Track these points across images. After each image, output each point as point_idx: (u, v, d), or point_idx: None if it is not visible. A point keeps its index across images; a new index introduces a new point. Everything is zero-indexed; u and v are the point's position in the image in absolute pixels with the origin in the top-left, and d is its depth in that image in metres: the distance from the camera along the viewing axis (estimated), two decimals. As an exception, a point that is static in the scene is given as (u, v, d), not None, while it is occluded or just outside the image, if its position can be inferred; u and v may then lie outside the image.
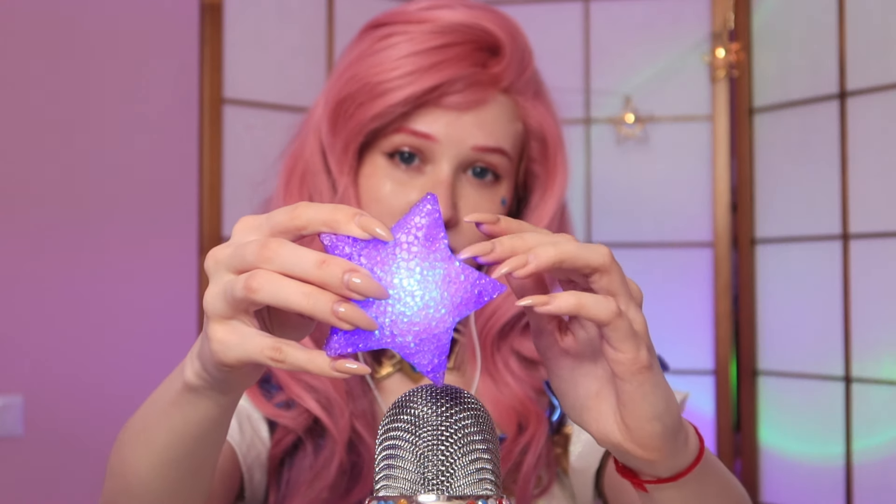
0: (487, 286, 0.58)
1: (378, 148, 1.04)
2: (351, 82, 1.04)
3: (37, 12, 1.69)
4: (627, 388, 0.61)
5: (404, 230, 0.58)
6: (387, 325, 0.57)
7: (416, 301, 0.57)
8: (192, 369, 0.64)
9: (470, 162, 1.03)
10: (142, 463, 0.72)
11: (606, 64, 1.92)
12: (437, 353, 0.58)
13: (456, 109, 1.01)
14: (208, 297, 0.59)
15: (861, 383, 1.70)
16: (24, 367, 1.67)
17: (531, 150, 1.08)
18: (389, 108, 1.01)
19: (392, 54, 1.02)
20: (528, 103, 1.06)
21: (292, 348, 0.57)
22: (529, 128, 1.07)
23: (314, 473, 1.00)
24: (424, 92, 1.00)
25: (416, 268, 0.58)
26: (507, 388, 1.05)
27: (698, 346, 1.87)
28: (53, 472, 1.69)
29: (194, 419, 0.67)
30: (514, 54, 1.04)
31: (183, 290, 1.77)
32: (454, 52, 1.01)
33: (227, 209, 1.78)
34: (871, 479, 1.68)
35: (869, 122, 1.70)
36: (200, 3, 1.77)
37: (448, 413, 0.60)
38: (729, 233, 1.86)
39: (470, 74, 1.01)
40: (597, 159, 1.92)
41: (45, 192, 1.69)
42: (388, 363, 1.07)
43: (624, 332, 0.59)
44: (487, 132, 1.02)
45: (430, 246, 0.58)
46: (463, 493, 0.58)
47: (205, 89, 1.77)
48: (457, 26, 1.02)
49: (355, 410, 1.02)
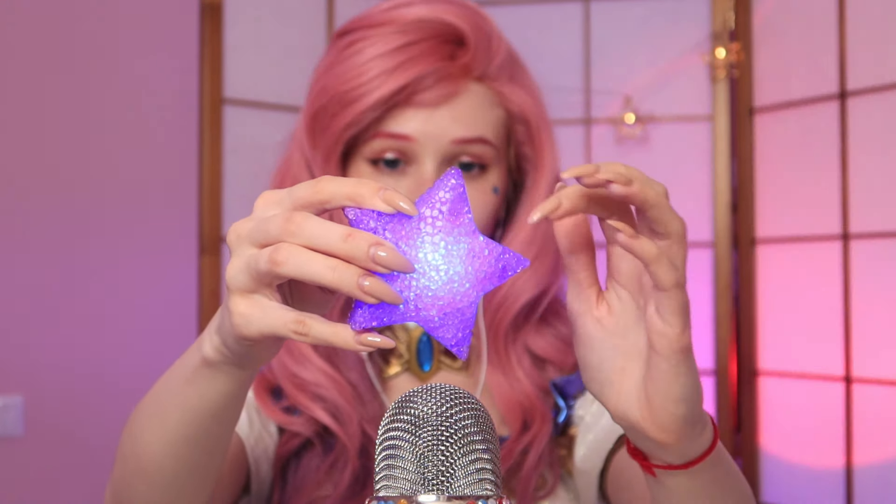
0: (511, 261, 0.58)
1: (360, 155, 1.04)
2: (322, 94, 1.04)
3: (38, 13, 1.69)
4: (664, 365, 0.61)
5: (428, 204, 0.58)
6: (411, 299, 0.57)
7: (440, 275, 0.57)
8: (211, 344, 0.64)
9: (453, 156, 1.02)
10: (155, 442, 0.72)
11: (606, 64, 1.92)
12: (462, 328, 0.58)
13: (429, 106, 1.01)
14: (231, 270, 0.59)
15: (861, 383, 1.70)
16: (24, 367, 1.67)
17: (517, 134, 1.07)
18: (362, 115, 1.01)
19: (358, 60, 1.02)
20: (504, 88, 1.05)
21: (316, 321, 0.57)
22: (511, 112, 1.06)
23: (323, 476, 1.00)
24: (394, 93, 1.00)
25: (441, 242, 0.58)
26: (518, 382, 1.05)
27: (698, 347, 1.87)
28: (53, 472, 1.69)
29: (211, 395, 0.67)
30: (479, 42, 1.03)
31: (183, 290, 1.77)
32: (419, 49, 1.01)
33: (227, 209, 1.78)
34: (871, 480, 1.68)
35: (869, 122, 1.70)
36: (200, 3, 1.77)
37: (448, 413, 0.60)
38: (729, 233, 1.86)
39: (438, 69, 1.00)
40: (597, 159, 1.92)
41: (44, 192, 1.69)
42: (396, 362, 1.07)
43: (680, 304, 0.59)
44: (465, 124, 1.01)
45: (455, 220, 0.58)
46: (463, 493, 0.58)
47: (205, 89, 1.77)
48: (418, 23, 1.02)
49: (365, 415, 1.02)
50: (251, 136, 1.80)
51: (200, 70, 1.77)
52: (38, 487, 1.68)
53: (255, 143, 1.80)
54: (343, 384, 1.02)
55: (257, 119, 1.81)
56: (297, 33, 1.86)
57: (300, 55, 1.85)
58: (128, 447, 0.76)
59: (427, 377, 1.06)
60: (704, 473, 0.67)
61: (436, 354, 1.07)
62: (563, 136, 1.94)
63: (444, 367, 1.08)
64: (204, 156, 1.77)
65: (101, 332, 1.73)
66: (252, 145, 1.79)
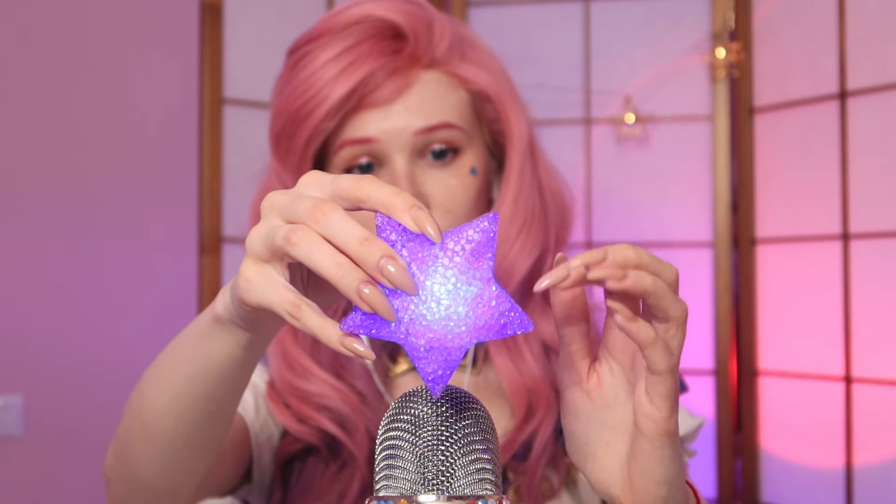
0: (515, 321, 0.57)
1: (333, 167, 1.03)
2: (279, 116, 1.04)
3: (38, 13, 1.69)
4: (647, 447, 0.61)
5: (454, 237, 0.58)
6: (405, 321, 0.57)
7: (440, 309, 0.57)
8: (223, 300, 0.65)
9: (421, 147, 1.01)
10: (160, 397, 0.73)
11: (606, 64, 1.92)
12: (444, 366, 0.57)
13: (383, 104, 1.00)
14: (252, 235, 0.60)
15: (861, 383, 1.70)
16: (24, 367, 1.67)
17: (486, 112, 1.07)
18: (318, 127, 1.00)
19: (304, 75, 1.02)
20: (458, 69, 1.04)
21: (310, 310, 0.57)
22: (472, 92, 1.05)
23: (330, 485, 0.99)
24: (344, 98, 0.99)
25: (452, 278, 0.57)
26: (525, 364, 1.04)
27: (698, 346, 1.87)
28: (53, 472, 1.69)
29: (216, 355, 0.68)
30: (419, 30, 1.02)
31: (183, 290, 1.77)
32: (360, 51, 1.00)
33: (227, 209, 1.78)
34: (871, 480, 1.68)
35: (869, 122, 1.70)
36: (200, 3, 1.77)
37: (448, 413, 0.60)
38: (729, 233, 1.86)
39: (383, 65, 1.00)
40: (597, 159, 1.92)
41: (45, 192, 1.69)
42: (403, 360, 1.07)
43: (669, 389, 0.60)
44: (424, 113, 1.01)
45: (474, 262, 0.57)
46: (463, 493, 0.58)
47: (205, 89, 1.76)
48: (354, 25, 1.02)
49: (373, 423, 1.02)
50: (251, 136, 1.80)
51: (200, 70, 1.77)
52: (38, 487, 1.68)
53: (255, 142, 1.79)
54: (348, 393, 1.02)
55: (257, 119, 1.81)
56: (297, 34, 1.85)
57: (300, 55, 1.85)
58: (134, 402, 0.77)
59: None
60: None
61: None
62: (563, 136, 1.95)
63: None
64: (204, 156, 1.77)
65: (101, 332, 1.73)
66: (252, 145, 1.79)
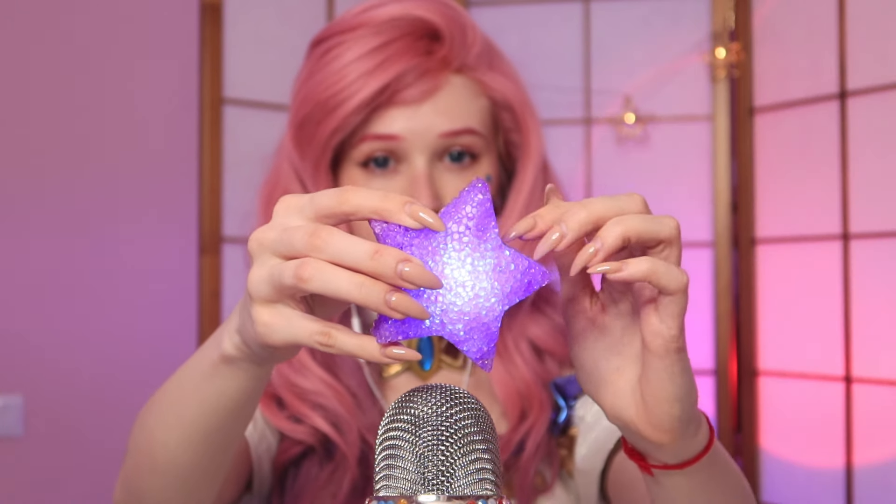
0: (537, 275, 0.59)
1: (350, 160, 1.04)
2: (304, 104, 1.05)
3: (38, 12, 1.69)
4: (658, 364, 0.61)
5: (455, 219, 0.58)
6: (437, 314, 0.57)
7: (466, 291, 0.58)
8: (232, 343, 0.64)
9: (442, 149, 1.02)
10: (171, 437, 0.72)
11: (606, 64, 1.92)
12: (487, 341, 0.58)
13: (412, 103, 1.01)
14: (253, 279, 0.58)
15: (861, 383, 1.70)
16: (24, 367, 1.67)
17: (504, 121, 1.08)
18: (346, 119, 1.01)
19: (336, 66, 1.02)
20: (485, 77, 1.05)
21: (342, 334, 0.57)
22: (495, 100, 1.06)
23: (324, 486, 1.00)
24: (376, 94, 1.00)
25: (468, 259, 0.58)
26: (516, 369, 1.05)
27: (698, 346, 1.87)
28: (53, 472, 1.69)
29: (229, 392, 0.68)
30: (454, 34, 1.03)
31: (183, 290, 1.78)
32: (395, 48, 1.01)
33: (227, 209, 1.78)
34: (871, 480, 1.68)
35: (869, 122, 1.70)
36: (200, 3, 1.77)
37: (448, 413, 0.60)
38: (729, 233, 1.86)
39: (416, 65, 1.01)
40: (597, 159, 1.92)
41: (44, 192, 1.70)
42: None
43: (680, 307, 0.60)
44: (450, 116, 1.02)
45: (482, 236, 0.58)
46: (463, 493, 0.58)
47: (205, 89, 1.77)
48: (391, 22, 1.02)
49: (364, 423, 1.02)
50: (251, 136, 1.80)
51: (200, 70, 1.77)
52: (38, 487, 1.68)
53: (255, 142, 1.80)
54: (343, 392, 1.02)
55: (257, 119, 1.81)
56: (297, 33, 1.86)
57: (300, 55, 1.84)
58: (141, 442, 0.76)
59: (428, 376, 1.06)
60: (701, 473, 0.67)
61: (437, 353, 1.07)
62: (563, 136, 1.95)
63: (444, 366, 1.08)
64: (204, 156, 1.77)
65: (101, 332, 1.73)
66: (252, 145, 1.79)
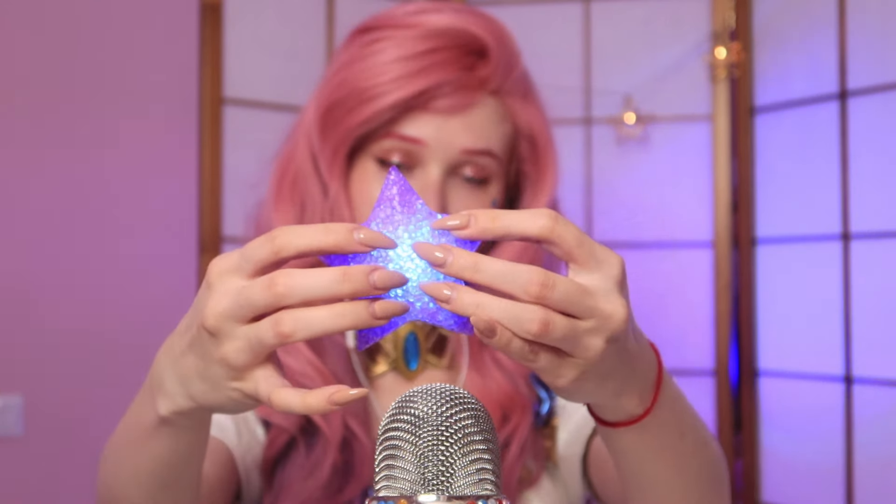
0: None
1: (368, 153, 1.04)
2: (339, 88, 1.04)
3: (38, 12, 1.69)
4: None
5: (381, 207, 0.59)
6: (399, 297, 0.58)
7: (416, 264, 0.58)
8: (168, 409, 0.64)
9: (459, 164, 1.03)
10: (131, 491, 0.73)
11: (606, 64, 1.92)
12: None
13: (444, 113, 1.01)
14: (230, 353, 0.57)
15: (861, 383, 1.70)
16: (24, 367, 1.67)
17: (521, 151, 1.08)
18: (377, 114, 1.01)
19: (380, 59, 1.02)
20: (517, 104, 1.06)
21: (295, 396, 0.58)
22: (519, 128, 1.07)
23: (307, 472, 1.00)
24: (412, 96, 1.00)
25: (404, 234, 0.59)
26: (494, 382, 1.06)
27: (698, 346, 1.87)
28: (53, 472, 1.69)
29: (178, 446, 0.68)
30: (501, 57, 1.04)
31: (183, 290, 1.77)
32: (441, 57, 1.01)
33: (226, 209, 1.78)
34: (871, 480, 1.68)
35: (869, 122, 1.70)
36: (200, 3, 1.77)
37: (448, 413, 0.60)
38: (729, 233, 1.86)
39: (457, 78, 1.01)
40: (597, 159, 1.92)
41: (43, 192, 1.70)
42: (382, 361, 1.08)
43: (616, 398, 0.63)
44: (476, 135, 1.02)
45: (409, 210, 0.59)
46: (463, 493, 0.58)
47: (205, 89, 1.77)
48: (444, 30, 1.03)
49: (348, 409, 1.02)
50: (251, 136, 1.80)
51: (200, 70, 1.77)
52: (38, 487, 1.68)
53: (255, 143, 1.80)
54: (328, 376, 1.03)
55: (257, 119, 1.81)
56: (297, 33, 1.86)
57: (300, 55, 1.85)
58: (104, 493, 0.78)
59: (413, 376, 1.07)
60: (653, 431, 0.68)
61: (422, 353, 1.07)
62: (563, 136, 1.94)
63: (430, 366, 1.08)
64: (204, 156, 1.77)
65: (101, 332, 1.73)
66: (252, 145, 1.79)
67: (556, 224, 0.57)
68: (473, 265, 0.56)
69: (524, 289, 0.56)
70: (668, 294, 1.88)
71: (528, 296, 0.56)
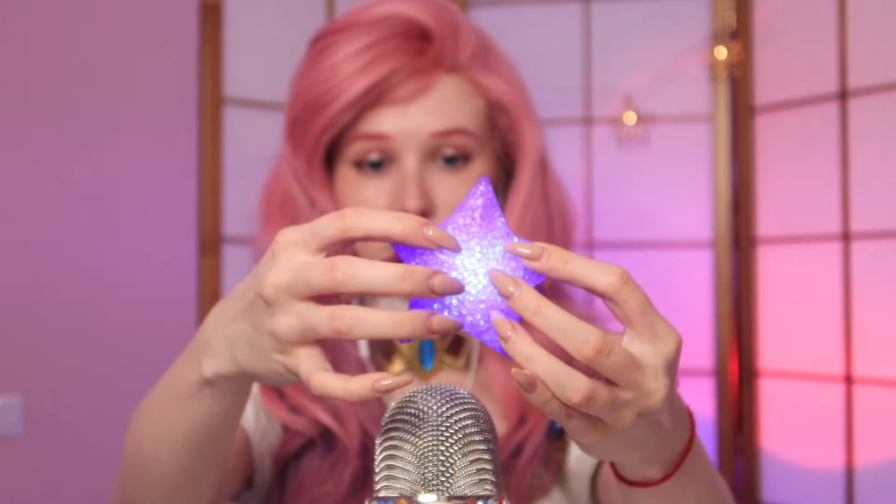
0: None
1: (343, 159, 1.04)
2: (297, 102, 1.05)
3: (37, 12, 1.69)
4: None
5: (461, 213, 0.59)
6: (454, 305, 0.58)
7: (479, 279, 0.58)
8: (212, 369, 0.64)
9: (434, 150, 1.02)
10: (162, 453, 0.73)
11: (606, 64, 1.92)
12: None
13: (402, 102, 1.01)
14: (282, 328, 0.58)
15: (861, 383, 1.70)
16: (24, 367, 1.67)
17: (500, 122, 1.07)
18: (335, 117, 1.01)
19: (327, 64, 1.02)
20: (479, 76, 1.05)
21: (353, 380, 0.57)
22: (490, 101, 1.06)
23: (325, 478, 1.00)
24: (364, 92, 1.00)
25: (476, 247, 0.59)
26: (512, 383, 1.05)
27: (699, 346, 1.87)
28: (53, 472, 1.69)
29: (216, 409, 0.68)
30: (445, 34, 1.03)
31: (182, 290, 1.77)
32: (384, 48, 1.01)
33: (227, 209, 1.78)
34: (871, 480, 1.68)
35: (869, 122, 1.70)
36: (200, 3, 1.77)
37: (448, 413, 0.60)
38: (729, 233, 1.86)
39: (406, 64, 1.01)
40: (597, 159, 1.92)
41: (42, 192, 1.70)
42: (398, 361, 1.07)
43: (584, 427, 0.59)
44: (441, 116, 1.01)
45: (488, 225, 0.59)
46: (463, 493, 0.58)
47: (205, 89, 1.76)
48: (382, 21, 1.02)
49: (366, 415, 1.02)
50: (251, 136, 1.80)
51: (200, 70, 1.77)
52: (38, 487, 1.68)
53: (255, 142, 1.79)
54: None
55: (257, 119, 1.81)
56: (298, 33, 1.85)
57: (300, 55, 1.84)
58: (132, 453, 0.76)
59: (429, 376, 1.07)
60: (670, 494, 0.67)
61: (438, 354, 1.07)
62: (563, 136, 1.95)
63: (446, 367, 1.08)
64: (204, 155, 1.77)
65: (100, 332, 1.73)
66: (252, 145, 1.79)
67: (625, 286, 0.57)
68: (536, 308, 0.56)
69: (578, 349, 0.55)
70: (668, 294, 1.88)
71: (580, 356, 0.55)
